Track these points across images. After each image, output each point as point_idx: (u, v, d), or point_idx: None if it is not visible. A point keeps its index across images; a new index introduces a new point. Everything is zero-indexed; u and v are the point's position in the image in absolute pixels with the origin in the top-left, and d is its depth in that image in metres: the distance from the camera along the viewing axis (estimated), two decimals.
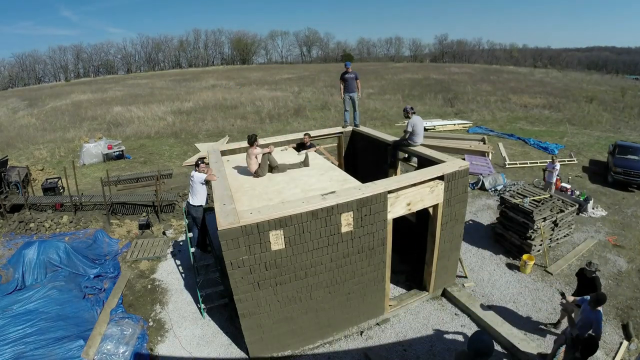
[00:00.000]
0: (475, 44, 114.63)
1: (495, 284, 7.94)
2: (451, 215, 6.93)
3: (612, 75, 55.44)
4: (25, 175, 14.05)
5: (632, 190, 12.59)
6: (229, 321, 7.13)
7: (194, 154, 19.10)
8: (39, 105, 38.79)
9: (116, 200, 12.03)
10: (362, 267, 6.27)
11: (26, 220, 11.15)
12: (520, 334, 6.33)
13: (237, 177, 7.26)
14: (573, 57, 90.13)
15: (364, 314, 6.76)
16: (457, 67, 64.69)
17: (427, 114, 27.12)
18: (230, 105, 32.07)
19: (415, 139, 7.90)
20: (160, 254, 9.57)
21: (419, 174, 6.62)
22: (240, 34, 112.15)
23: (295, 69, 70.55)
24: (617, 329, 6.61)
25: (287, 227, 5.32)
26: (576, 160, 15.94)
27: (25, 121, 29.53)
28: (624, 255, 8.79)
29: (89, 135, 22.80)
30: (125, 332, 6.68)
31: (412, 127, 7.81)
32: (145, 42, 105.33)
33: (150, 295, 8.10)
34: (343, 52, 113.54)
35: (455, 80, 44.05)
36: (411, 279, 8.07)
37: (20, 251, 8.46)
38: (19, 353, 6.07)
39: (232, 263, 5.18)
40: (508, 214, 9.11)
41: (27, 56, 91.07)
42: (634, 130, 22.18)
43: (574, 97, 32.71)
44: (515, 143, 19.17)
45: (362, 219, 5.85)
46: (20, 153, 20.09)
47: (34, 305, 7.17)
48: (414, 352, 6.28)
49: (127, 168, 17.39)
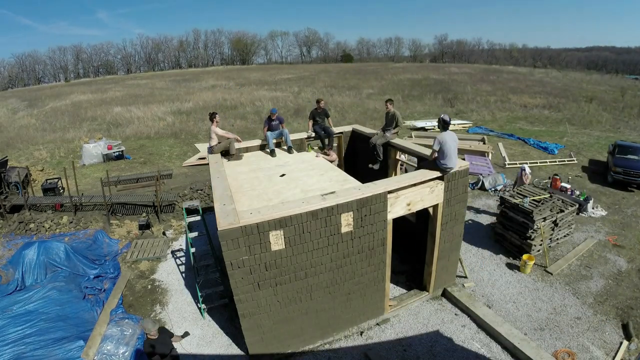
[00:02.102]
0: (475, 44, 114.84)
1: (495, 284, 7.94)
2: (451, 215, 6.93)
3: (612, 75, 55.47)
4: (25, 175, 14.04)
5: (632, 190, 12.59)
6: (229, 321, 7.13)
7: (194, 154, 19.12)
8: (39, 105, 38.78)
9: (116, 201, 12.02)
10: (362, 267, 6.27)
11: (26, 221, 11.14)
12: (520, 334, 6.32)
13: (237, 177, 7.26)
14: (573, 57, 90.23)
15: (364, 314, 6.76)
16: (457, 67, 64.71)
17: (427, 114, 27.15)
18: (230, 105, 32.07)
19: (445, 161, 6.42)
20: (160, 255, 9.57)
21: (419, 174, 6.62)
22: (240, 34, 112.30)
23: (295, 69, 70.56)
24: (617, 329, 6.61)
25: (287, 228, 5.32)
26: (576, 160, 15.94)
27: (25, 122, 29.52)
28: (624, 255, 8.79)
29: (89, 135, 22.81)
30: (125, 332, 6.67)
31: (440, 145, 6.38)
32: (145, 43, 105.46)
33: (150, 296, 8.10)
34: (343, 52, 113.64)
35: (455, 81, 44.06)
36: (411, 279, 8.07)
37: (20, 252, 8.46)
38: (19, 353, 6.07)
39: (232, 263, 5.19)
40: (508, 213, 9.12)
41: (27, 56, 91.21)
42: (634, 130, 22.18)
43: (574, 97, 32.73)
44: (515, 143, 19.18)
45: (362, 219, 5.85)
46: (20, 153, 20.08)
47: (34, 306, 7.17)
48: (414, 352, 6.28)
49: (127, 168, 17.38)
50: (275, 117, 8.99)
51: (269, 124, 9.06)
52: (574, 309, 7.10)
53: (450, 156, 6.38)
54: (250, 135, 22.22)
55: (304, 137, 9.45)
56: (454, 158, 6.44)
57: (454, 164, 6.48)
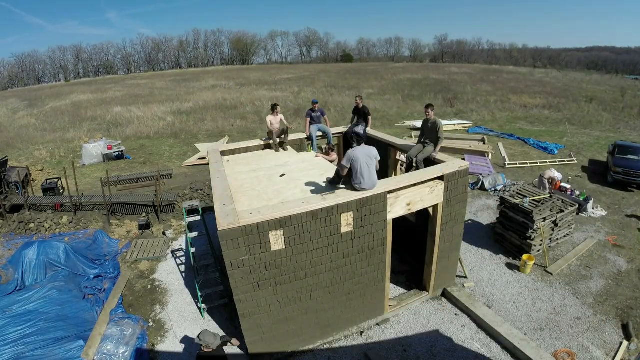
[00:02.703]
0: (475, 44, 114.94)
1: (495, 284, 7.94)
2: (451, 215, 6.93)
3: (611, 76, 55.48)
4: (25, 175, 14.04)
5: (632, 190, 12.59)
6: (229, 321, 7.13)
7: (194, 154, 19.12)
8: (39, 105, 38.80)
9: (116, 201, 12.02)
10: (362, 267, 6.27)
11: (26, 221, 11.14)
12: (520, 334, 6.32)
13: (237, 177, 7.26)
14: (573, 57, 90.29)
15: (364, 314, 6.76)
16: (457, 67, 64.72)
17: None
18: (230, 105, 32.08)
19: (357, 181, 5.60)
20: (160, 255, 9.57)
21: (419, 174, 6.62)
22: (240, 34, 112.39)
23: (295, 69, 70.57)
24: (617, 329, 6.61)
25: (287, 228, 5.32)
26: (576, 160, 15.94)
27: (25, 121, 29.53)
28: (623, 255, 8.79)
29: (89, 135, 22.84)
30: (125, 332, 6.68)
31: (350, 162, 5.54)
32: (145, 43, 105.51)
33: (150, 296, 8.10)
34: (343, 53, 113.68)
35: (455, 81, 44.06)
36: (411, 279, 8.07)
37: (20, 251, 8.46)
38: (19, 353, 6.07)
39: (232, 263, 5.19)
40: (508, 214, 9.12)
41: (27, 56, 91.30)
42: (634, 130, 22.18)
43: (574, 97, 32.74)
44: (515, 143, 19.18)
45: (362, 219, 5.85)
46: (20, 153, 20.08)
47: (34, 306, 7.16)
48: (414, 352, 6.28)
49: (127, 168, 17.39)
50: (317, 108, 8.94)
51: (311, 115, 8.96)
52: (574, 309, 7.10)
53: (362, 175, 5.51)
54: (250, 135, 22.24)
55: (304, 137, 9.44)
56: (367, 178, 5.56)
57: (368, 185, 5.61)
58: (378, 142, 9.04)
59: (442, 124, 7.22)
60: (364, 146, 5.80)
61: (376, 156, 5.83)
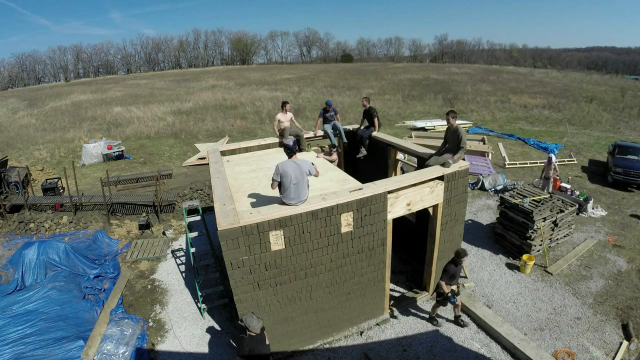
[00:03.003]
0: (475, 44, 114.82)
1: (495, 284, 7.94)
2: (451, 215, 6.93)
3: (611, 76, 55.46)
4: (25, 175, 14.05)
5: (632, 190, 12.60)
6: (229, 321, 7.14)
7: (194, 154, 19.12)
8: (39, 105, 38.75)
9: (116, 201, 12.02)
10: (362, 267, 6.27)
11: (26, 221, 11.14)
12: (520, 334, 6.33)
13: (237, 177, 7.26)
14: (573, 57, 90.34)
15: (364, 314, 6.75)
16: (457, 67, 64.67)
17: (427, 114, 27.16)
18: (230, 105, 32.06)
19: (284, 195, 5.32)
20: (160, 254, 9.57)
21: (419, 174, 6.62)
22: (240, 34, 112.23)
23: (295, 69, 70.53)
24: (617, 329, 6.61)
25: (287, 228, 5.32)
26: (576, 160, 15.94)
27: (25, 121, 29.50)
28: (623, 255, 8.80)
29: (89, 135, 22.84)
30: (125, 332, 6.68)
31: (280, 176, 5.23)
32: (145, 43, 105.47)
33: (150, 296, 8.10)
34: (343, 53, 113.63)
35: (455, 81, 44.05)
36: (411, 279, 8.08)
37: (20, 251, 8.46)
38: (19, 353, 6.07)
39: (232, 263, 5.19)
40: (508, 214, 9.12)
41: (27, 56, 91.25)
42: (634, 130, 22.19)
43: (574, 97, 32.72)
44: (515, 143, 19.18)
45: (362, 219, 5.85)
46: (20, 153, 20.07)
47: (34, 306, 7.17)
48: (414, 352, 6.29)
49: (127, 168, 17.38)
50: (330, 109, 9.05)
51: (324, 115, 9.08)
52: (574, 309, 7.10)
53: (289, 190, 5.22)
54: (250, 135, 22.25)
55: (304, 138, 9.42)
56: (294, 195, 5.24)
57: (294, 201, 5.29)
58: (377, 141, 9.06)
59: (464, 132, 6.88)
60: (296, 159, 5.40)
61: (309, 171, 5.38)
